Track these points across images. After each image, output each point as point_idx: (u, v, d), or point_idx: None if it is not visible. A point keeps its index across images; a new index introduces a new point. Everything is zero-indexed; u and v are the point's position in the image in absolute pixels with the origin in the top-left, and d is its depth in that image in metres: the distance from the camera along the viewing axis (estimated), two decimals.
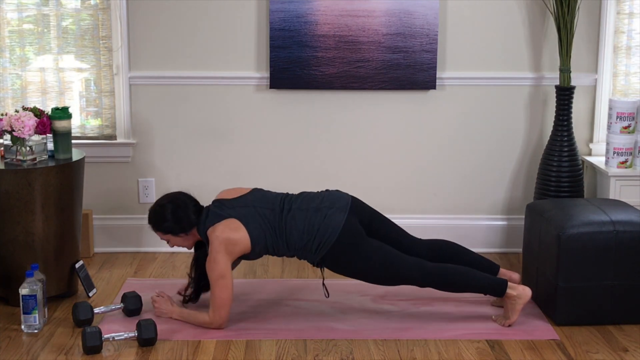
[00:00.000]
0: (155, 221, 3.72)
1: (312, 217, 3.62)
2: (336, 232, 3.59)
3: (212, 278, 3.58)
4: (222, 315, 3.60)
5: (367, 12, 4.48)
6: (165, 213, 3.68)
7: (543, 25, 4.56)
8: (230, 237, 3.57)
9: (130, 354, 3.42)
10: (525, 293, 3.65)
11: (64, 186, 3.89)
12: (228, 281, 3.57)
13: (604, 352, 3.47)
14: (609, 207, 3.83)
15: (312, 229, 3.60)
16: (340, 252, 3.61)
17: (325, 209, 3.64)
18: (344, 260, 3.64)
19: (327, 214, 3.62)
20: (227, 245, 3.57)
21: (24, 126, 3.77)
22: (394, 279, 3.68)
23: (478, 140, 4.68)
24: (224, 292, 3.57)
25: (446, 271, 3.67)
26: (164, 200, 3.74)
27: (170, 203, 3.70)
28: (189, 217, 3.67)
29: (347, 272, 3.69)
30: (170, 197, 3.75)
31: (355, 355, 3.44)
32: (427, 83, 4.55)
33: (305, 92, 4.60)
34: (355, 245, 3.61)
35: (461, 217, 4.74)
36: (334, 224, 3.60)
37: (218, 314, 3.60)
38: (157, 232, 3.75)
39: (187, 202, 3.71)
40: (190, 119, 4.63)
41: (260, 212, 3.65)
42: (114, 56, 4.56)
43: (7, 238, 3.85)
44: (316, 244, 3.60)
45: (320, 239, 3.59)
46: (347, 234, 3.60)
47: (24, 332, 3.64)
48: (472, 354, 3.45)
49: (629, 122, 4.39)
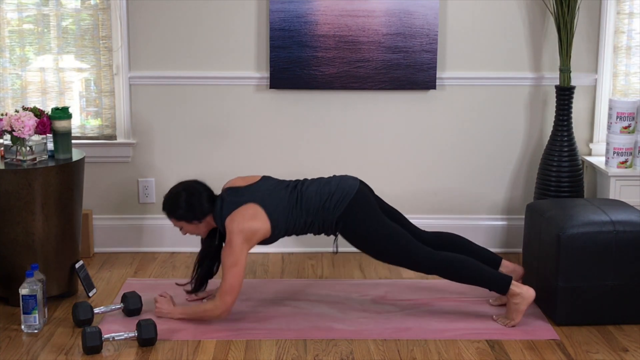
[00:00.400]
0: (169, 208, 3.74)
1: (326, 184, 3.75)
2: (353, 190, 3.69)
3: (226, 264, 3.59)
4: (228, 301, 3.60)
5: (367, 12, 4.48)
6: (179, 200, 3.70)
7: (543, 25, 4.56)
8: (249, 227, 3.60)
9: (130, 354, 3.42)
10: (529, 294, 3.65)
11: (64, 186, 3.89)
12: (241, 269, 3.59)
13: (604, 352, 3.47)
14: (609, 207, 3.83)
15: (330, 190, 3.71)
16: (356, 209, 3.66)
17: (337, 179, 3.78)
18: (360, 219, 3.67)
19: (341, 181, 3.75)
20: (247, 234, 3.60)
21: (24, 126, 3.77)
22: (400, 254, 3.70)
23: (478, 140, 4.68)
24: (235, 279, 3.58)
25: (454, 259, 3.70)
26: (178, 188, 3.77)
27: (184, 190, 3.73)
28: (202, 205, 3.69)
29: (360, 233, 3.69)
30: (184, 185, 3.78)
31: (355, 355, 3.44)
32: (427, 83, 4.55)
33: (305, 92, 4.60)
34: (371, 207, 3.69)
35: (461, 217, 4.74)
36: (349, 185, 3.73)
37: (224, 300, 3.60)
38: (170, 218, 3.76)
39: (201, 190, 3.74)
40: (190, 119, 4.63)
41: (275, 192, 3.71)
42: (114, 56, 4.56)
43: (7, 238, 3.85)
44: (334, 201, 3.66)
45: (339, 195, 3.67)
46: (362, 195, 3.71)
47: (24, 332, 3.64)
48: (472, 354, 3.45)
49: (629, 122, 4.39)
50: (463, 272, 3.71)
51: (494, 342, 3.55)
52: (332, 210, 3.67)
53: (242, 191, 3.72)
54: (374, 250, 3.74)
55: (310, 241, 4.67)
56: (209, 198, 3.73)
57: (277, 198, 3.69)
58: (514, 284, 3.67)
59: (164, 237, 4.71)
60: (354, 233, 3.70)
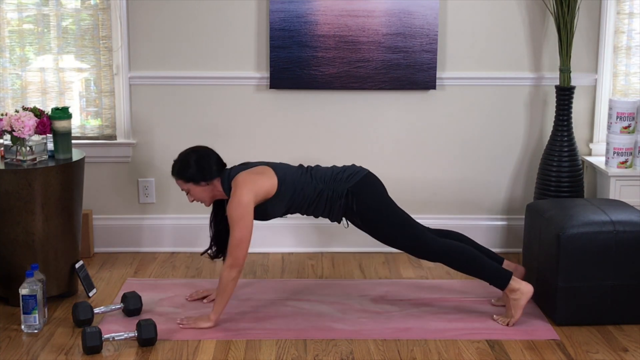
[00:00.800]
0: (179, 168, 3.74)
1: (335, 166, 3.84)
2: (365, 170, 3.79)
3: (233, 218, 3.57)
4: (239, 256, 3.57)
5: (367, 12, 4.48)
6: (189, 160, 3.72)
7: (543, 25, 4.56)
8: (254, 178, 3.65)
9: (130, 354, 3.42)
10: (527, 289, 3.67)
11: (64, 186, 3.89)
12: (249, 222, 3.58)
13: (604, 352, 3.47)
14: (609, 207, 3.83)
15: (342, 167, 3.81)
16: (368, 187, 3.73)
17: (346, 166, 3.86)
18: (370, 196, 3.72)
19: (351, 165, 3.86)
20: (252, 184, 3.62)
21: (24, 126, 3.77)
22: (408, 237, 3.73)
23: (478, 140, 4.68)
24: (243, 232, 3.57)
25: (457, 247, 3.75)
26: (188, 150, 3.80)
27: (194, 152, 3.76)
28: (211, 167, 3.72)
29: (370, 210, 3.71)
30: (194, 147, 3.83)
31: (355, 355, 3.44)
32: (427, 83, 4.55)
33: (305, 92, 4.60)
34: (381, 188, 3.80)
35: (461, 217, 4.74)
36: (360, 167, 3.83)
37: (235, 255, 3.57)
38: (178, 180, 3.76)
39: (211, 154, 3.77)
40: (190, 119, 4.63)
41: (285, 167, 3.78)
42: (114, 56, 4.56)
43: (7, 238, 3.85)
44: (347, 174, 3.75)
45: (351, 170, 3.78)
46: (373, 176, 3.81)
47: (24, 332, 3.64)
48: (472, 354, 3.45)
49: (629, 122, 4.39)
50: (466, 262, 3.73)
51: (494, 342, 3.55)
52: (344, 181, 3.72)
53: (251, 163, 3.82)
54: (380, 228, 3.75)
55: (310, 241, 4.68)
56: (218, 162, 3.76)
57: (286, 167, 3.78)
58: (514, 279, 3.68)
59: (164, 237, 4.71)
60: (363, 206, 3.71)
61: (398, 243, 3.78)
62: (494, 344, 3.54)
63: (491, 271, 3.72)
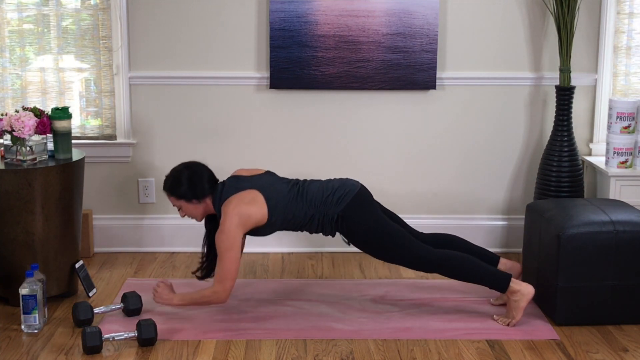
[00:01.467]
0: (171, 185, 3.75)
1: (328, 181, 3.80)
2: (356, 188, 3.74)
3: (221, 250, 3.59)
4: (227, 288, 3.60)
5: (367, 12, 4.48)
6: (181, 177, 3.72)
7: (543, 25, 4.56)
8: (245, 210, 3.62)
9: (130, 354, 3.42)
10: (528, 290, 3.67)
11: (64, 186, 3.89)
12: (236, 254, 3.59)
13: (604, 352, 3.47)
14: (609, 207, 3.83)
15: (333, 187, 3.74)
16: (358, 207, 3.68)
17: (339, 179, 3.83)
18: (361, 217, 3.68)
19: (343, 180, 3.81)
20: (241, 217, 3.60)
21: (24, 126, 3.77)
22: (401, 253, 3.71)
23: (478, 140, 4.68)
24: (231, 264, 3.58)
25: (453, 256, 3.72)
26: (180, 166, 3.79)
27: (187, 169, 3.75)
28: (203, 185, 3.71)
29: (361, 230, 3.70)
30: (187, 164, 3.81)
31: (355, 355, 3.44)
32: (427, 83, 4.55)
33: (305, 92, 4.60)
34: (372, 206, 3.75)
35: (461, 217, 4.74)
36: (351, 184, 3.77)
37: (222, 286, 3.59)
38: (170, 196, 3.76)
39: (203, 171, 3.76)
40: (190, 119, 4.63)
41: (277, 184, 3.74)
42: (114, 56, 4.56)
43: (7, 238, 3.85)
44: (337, 197, 3.69)
45: (341, 192, 3.72)
46: (365, 193, 3.76)
47: (24, 332, 3.64)
48: (472, 354, 3.45)
49: (629, 122, 4.39)
50: (463, 270, 3.72)
51: (494, 342, 3.55)
52: (334, 205, 3.68)
53: (244, 179, 3.75)
54: (374, 248, 3.74)
55: (311, 241, 4.67)
56: (211, 180, 3.75)
57: (278, 189, 3.72)
58: (514, 281, 3.68)
59: (164, 237, 4.71)
60: (354, 229, 3.70)
61: (393, 260, 3.78)
62: (494, 344, 3.54)
63: (490, 276, 3.71)
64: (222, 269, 3.59)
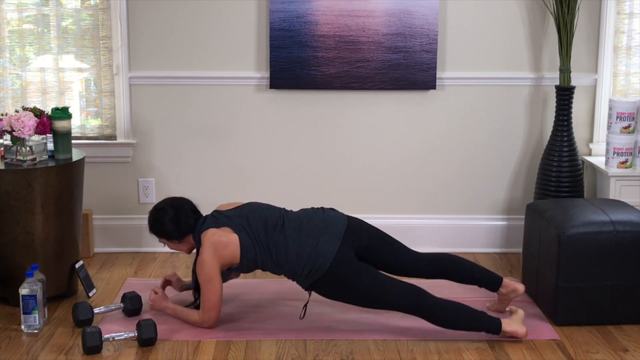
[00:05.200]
0: (153, 224, 3.76)
1: (303, 242, 3.57)
2: (327, 262, 3.52)
3: (201, 280, 3.61)
4: (212, 317, 3.63)
5: (367, 12, 4.48)
6: (164, 218, 3.72)
7: (543, 25, 4.56)
8: (219, 240, 3.59)
9: (130, 354, 3.42)
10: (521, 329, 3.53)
11: (64, 186, 3.89)
12: (216, 284, 3.59)
13: (604, 352, 3.47)
14: (609, 207, 3.83)
15: (303, 255, 3.55)
16: (330, 281, 3.56)
17: (318, 234, 3.59)
18: (333, 289, 3.60)
19: (320, 241, 3.56)
20: (216, 247, 3.58)
21: (24, 126, 3.77)
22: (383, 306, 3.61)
23: (478, 140, 4.68)
24: (212, 295, 3.60)
25: (440, 307, 3.53)
26: (164, 204, 3.77)
27: (171, 208, 3.73)
28: (187, 223, 3.70)
29: (337, 299, 3.64)
30: (171, 202, 3.78)
31: (355, 355, 3.44)
32: (427, 83, 4.55)
33: (305, 92, 4.60)
34: (346, 276, 3.54)
35: (461, 217, 4.74)
36: (325, 252, 3.53)
37: (207, 316, 3.62)
38: (154, 234, 3.78)
39: (186, 209, 3.74)
40: (190, 119, 4.63)
41: (253, 225, 3.64)
42: (114, 56, 4.56)
43: (7, 238, 3.85)
44: (306, 271, 3.56)
45: (311, 266, 3.54)
46: (338, 264, 3.53)
47: (24, 332, 3.64)
48: (472, 354, 3.45)
49: (629, 122, 4.39)
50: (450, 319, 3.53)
51: (494, 342, 3.55)
52: (304, 278, 3.59)
53: (225, 213, 3.71)
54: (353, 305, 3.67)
55: None
56: (195, 217, 3.72)
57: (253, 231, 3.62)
58: (505, 322, 3.53)
59: None
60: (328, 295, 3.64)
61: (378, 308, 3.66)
62: (494, 344, 3.54)
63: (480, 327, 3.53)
64: (205, 300, 3.62)
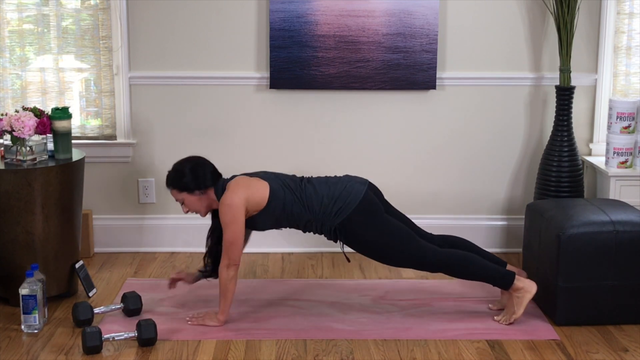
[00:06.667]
0: (174, 178, 3.72)
1: (332, 185, 3.71)
2: (358, 198, 3.65)
3: (224, 221, 3.58)
4: (234, 255, 3.59)
5: (367, 12, 4.48)
6: (184, 169, 3.70)
7: (543, 25, 4.56)
8: (250, 183, 3.64)
9: (130, 354, 3.42)
10: (531, 287, 3.67)
11: (64, 186, 3.89)
12: (240, 226, 3.58)
13: (604, 352, 3.47)
14: (609, 207, 3.83)
15: (333, 194, 3.67)
16: (358, 219, 3.64)
17: (345, 181, 3.74)
18: (361, 228, 3.65)
19: (348, 184, 3.71)
20: (246, 189, 3.61)
21: (24, 126, 3.77)
22: (405, 257, 3.69)
23: (478, 140, 4.68)
24: (234, 235, 3.58)
25: (458, 256, 3.71)
26: (182, 160, 3.78)
27: (189, 161, 3.74)
28: (205, 175, 3.70)
29: (362, 241, 3.68)
30: (190, 157, 3.79)
31: (355, 355, 3.44)
32: (427, 83, 4.55)
33: (305, 92, 4.60)
34: (374, 215, 3.67)
35: (461, 217, 4.74)
36: (355, 191, 3.68)
37: (229, 255, 3.59)
38: (173, 190, 3.72)
39: (206, 163, 3.75)
40: (190, 119, 4.63)
41: (282, 177, 3.73)
42: (114, 56, 4.56)
43: (7, 238, 3.85)
44: (337, 208, 3.64)
45: (342, 202, 3.65)
46: (367, 202, 3.67)
47: (24, 332, 3.64)
48: (472, 354, 3.45)
49: (629, 122, 4.39)
50: (468, 268, 3.71)
51: (494, 342, 3.55)
52: (333, 216, 3.65)
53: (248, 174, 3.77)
54: (374, 257, 3.75)
55: (311, 241, 4.67)
56: (213, 172, 3.74)
57: (281, 180, 3.71)
58: (517, 278, 3.68)
59: (164, 237, 4.71)
60: (353, 240, 3.70)
61: (397, 265, 3.78)
62: (494, 344, 3.54)
63: (495, 274, 3.71)
64: (226, 239, 3.59)
